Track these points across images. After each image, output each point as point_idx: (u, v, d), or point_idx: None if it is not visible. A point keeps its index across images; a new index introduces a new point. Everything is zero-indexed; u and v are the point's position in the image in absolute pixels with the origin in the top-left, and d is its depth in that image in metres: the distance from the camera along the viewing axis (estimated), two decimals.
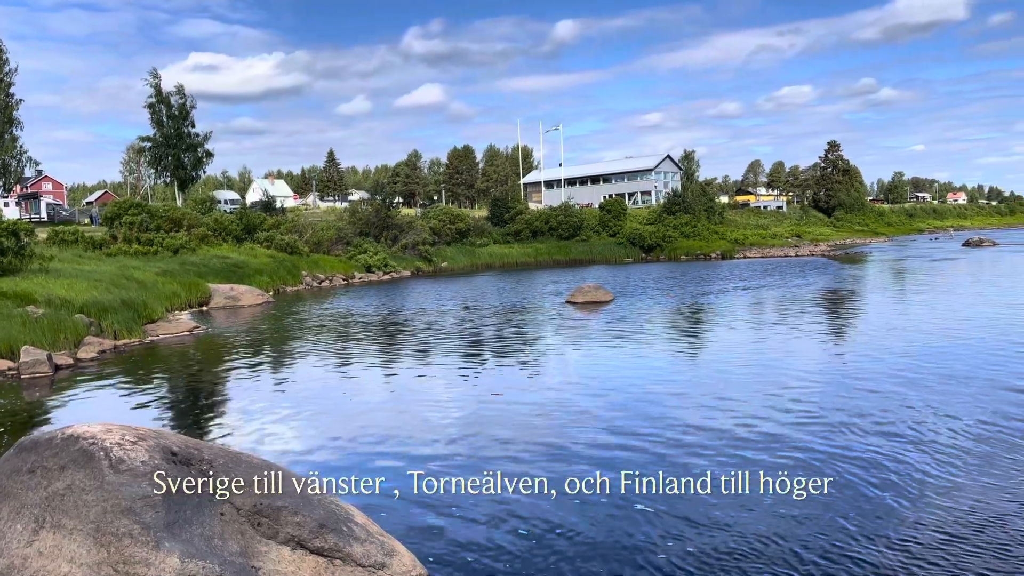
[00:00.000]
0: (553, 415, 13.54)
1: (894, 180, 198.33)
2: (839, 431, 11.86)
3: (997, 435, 11.37)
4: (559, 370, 18.17)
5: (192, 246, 45.91)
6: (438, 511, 9.13)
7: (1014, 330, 21.24)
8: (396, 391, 16.41)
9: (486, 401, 14.94)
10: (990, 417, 12.32)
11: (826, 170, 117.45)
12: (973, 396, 13.73)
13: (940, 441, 11.18)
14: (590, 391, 15.52)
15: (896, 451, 10.78)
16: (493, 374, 17.80)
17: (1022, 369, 15.98)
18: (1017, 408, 12.80)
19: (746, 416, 12.89)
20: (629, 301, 32.52)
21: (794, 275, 44.50)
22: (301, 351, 21.91)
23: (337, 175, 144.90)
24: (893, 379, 15.41)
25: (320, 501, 6.90)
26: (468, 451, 11.51)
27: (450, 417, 13.67)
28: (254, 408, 14.80)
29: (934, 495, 9.16)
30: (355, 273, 52.51)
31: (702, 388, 15.42)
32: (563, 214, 75.48)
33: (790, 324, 24.63)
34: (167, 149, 63.66)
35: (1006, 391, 14.06)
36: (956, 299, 29.68)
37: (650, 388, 15.55)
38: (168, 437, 7.14)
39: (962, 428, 11.77)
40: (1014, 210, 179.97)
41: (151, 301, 27.82)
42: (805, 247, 78.60)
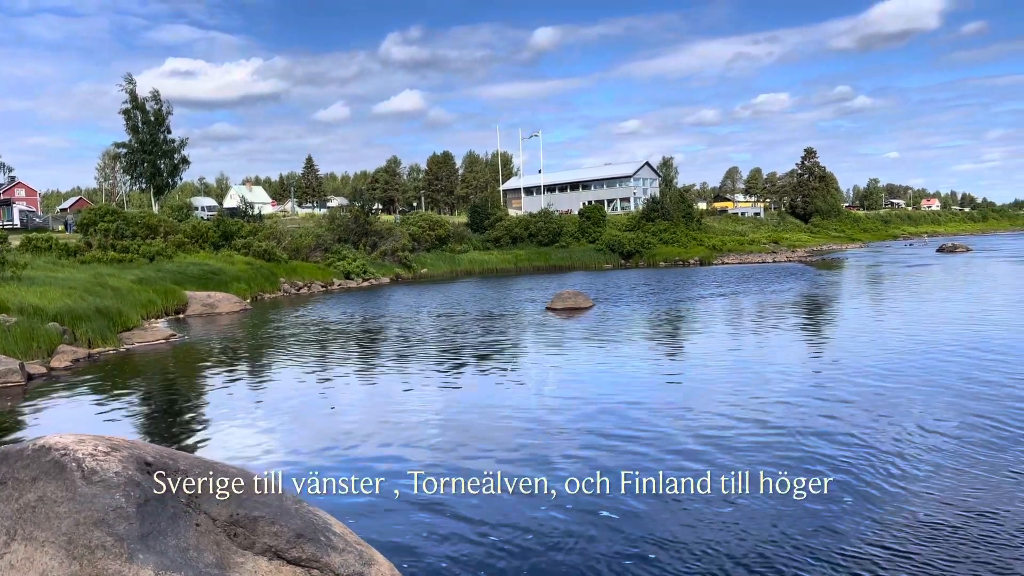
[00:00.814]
0: (533, 420, 13.52)
1: (869, 187, 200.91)
2: (825, 433, 11.95)
3: (983, 433, 11.51)
4: (539, 376, 18.15)
5: (169, 253, 45.48)
6: (417, 518, 9.07)
7: (988, 333, 21.53)
8: (374, 399, 16.32)
9: (465, 408, 14.89)
10: (971, 417, 12.47)
11: (803, 177, 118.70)
12: (955, 396, 13.90)
13: (927, 441, 11.30)
14: (570, 396, 15.51)
15: (885, 450, 10.88)
16: (472, 381, 17.75)
17: (997, 370, 16.19)
18: (990, 406, 12.97)
19: (727, 419, 12.95)
20: (609, 307, 32.62)
21: (772, 281, 44.87)
22: (279, 359, 21.74)
23: (316, 181, 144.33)
24: (877, 381, 15.55)
25: (297, 510, 6.83)
26: (448, 458, 11.46)
27: (429, 424, 13.61)
28: (231, 417, 14.65)
29: (929, 492, 9.25)
30: (334, 280, 52.24)
31: (683, 392, 15.47)
32: (543, 220, 75.66)
33: (770, 329, 24.81)
34: (143, 155, 63.05)
35: (981, 390, 14.24)
36: (931, 305, 30.07)
37: (630, 393, 15.57)
38: (143, 447, 7.04)
39: (950, 428, 11.91)
40: (987, 216, 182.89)
41: (126, 309, 27.47)
42: (783, 253, 79.33)
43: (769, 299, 34.43)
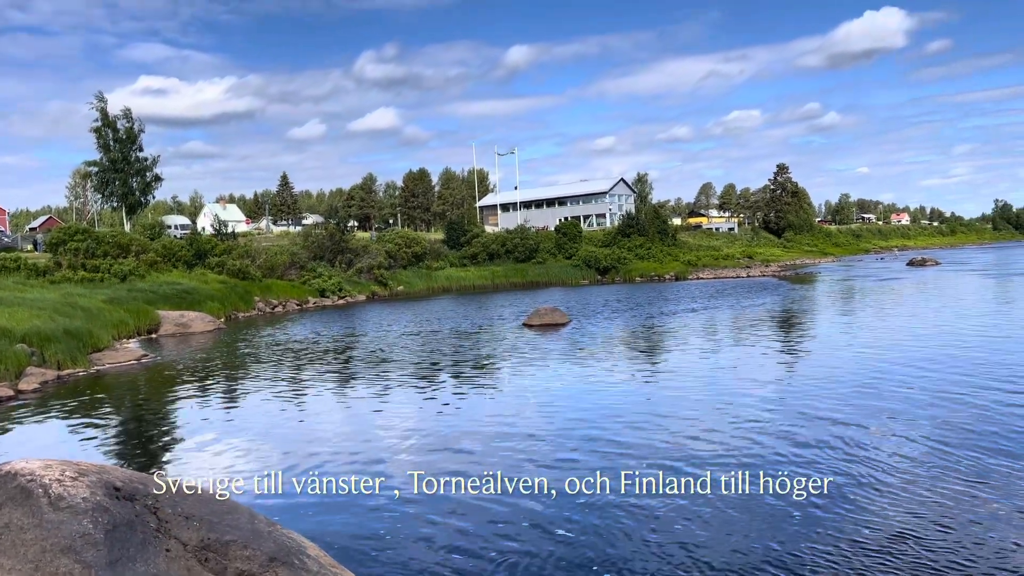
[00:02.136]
0: (510, 435, 13.46)
1: (841, 202, 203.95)
2: (800, 441, 12.02)
3: (956, 441, 11.64)
4: (516, 391, 18.08)
5: (141, 272, 44.95)
6: (393, 540, 8.98)
7: (956, 344, 21.85)
8: (350, 418, 16.17)
9: (441, 424, 14.79)
10: (944, 424, 12.62)
11: (776, 192, 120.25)
12: (926, 407, 14.07)
13: (903, 449, 11.41)
14: (547, 412, 15.46)
15: (861, 458, 10.97)
16: (449, 397, 17.65)
17: (966, 381, 16.41)
18: (960, 415, 13.13)
19: (697, 432, 12.99)
20: (586, 323, 32.69)
21: (746, 296, 45.26)
22: (253, 379, 21.49)
23: (291, 199, 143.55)
24: (850, 391, 15.68)
25: (270, 533, 6.73)
26: (425, 476, 11.36)
27: (405, 443, 13.50)
28: (203, 439, 14.44)
29: (903, 502, 9.33)
30: (309, 298, 51.90)
31: (658, 404, 15.48)
32: (519, 237, 75.82)
33: (744, 343, 24.99)
34: (114, 174, 62.32)
35: (951, 401, 14.42)
36: (901, 319, 30.50)
37: (607, 407, 15.57)
38: (111, 472, 6.91)
39: (925, 435, 12.04)
40: (955, 230, 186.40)
41: (97, 329, 27.05)
42: (756, 268, 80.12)
43: (744, 313, 34.71)
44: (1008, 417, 13.42)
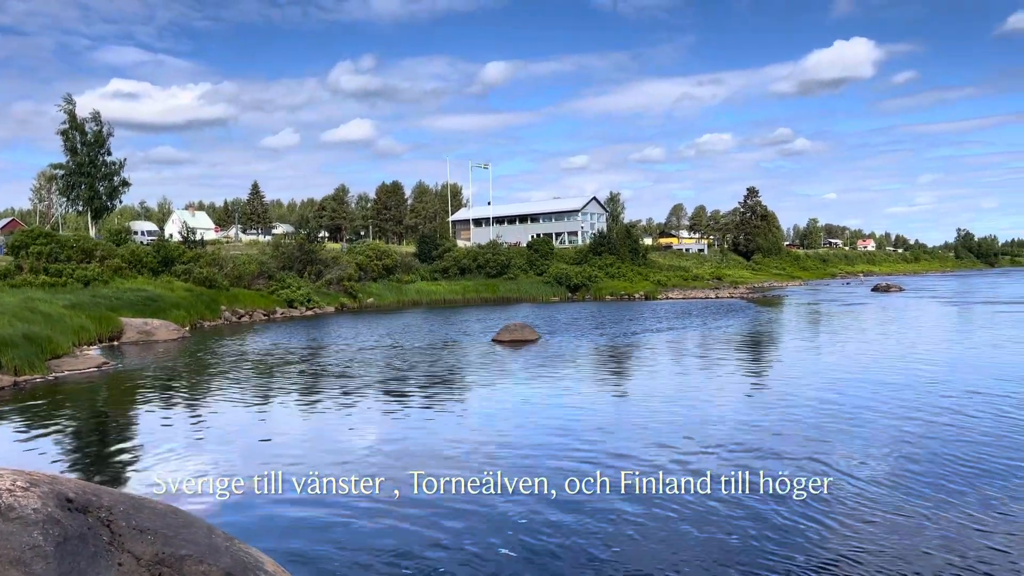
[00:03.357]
0: (476, 449, 13.37)
1: (809, 226, 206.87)
2: (759, 456, 12.09)
3: (917, 464, 11.80)
4: (483, 407, 17.98)
5: (105, 278, 44.16)
6: (353, 552, 8.84)
7: (916, 368, 22.22)
8: (314, 429, 15.95)
9: (405, 436, 14.65)
10: (907, 447, 12.80)
11: (745, 215, 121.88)
12: (885, 429, 14.27)
13: (863, 470, 11.53)
14: (512, 429, 15.39)
15: (821, 472, 11.06)
16: (415, 411, 17.50)
17: (924, 403, 16.69)
18: (919, 438, 13.33)
19: (657, 448, 13.03)
20: (555, 340, 32.71)
21: (715, 317, 45.66)
22: (216, 388, 21.14)
23: (261, 208, 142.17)
24: (810, 414, 15.84)
25: (228, 548, 6.59)
26: (387, 492, 11.22)
27: (367, 455, 13.34)
28: (162, 449, 14.15)
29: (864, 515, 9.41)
30: (277, 308, 51.35)
31: (624, 423, 15.49)
32: (491, 252, 75.86)
33: (711, 364, 25.16)
34: (80, 177, 61.28)
35: (912, 424, 14.64)
36: (864, 344, 30.99)
37: (572, 421, 15.54)
38: (64, 483, 6.72)
39: (887, 456, 12.18)
40: (918, 257, 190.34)
41: (57, 335, 26.45)
42: (725, 289, 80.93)
43: (711, 334, 34.99)
44: (957, 438, 13.66)
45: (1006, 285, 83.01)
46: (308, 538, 9.50)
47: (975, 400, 17.53)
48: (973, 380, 20.43)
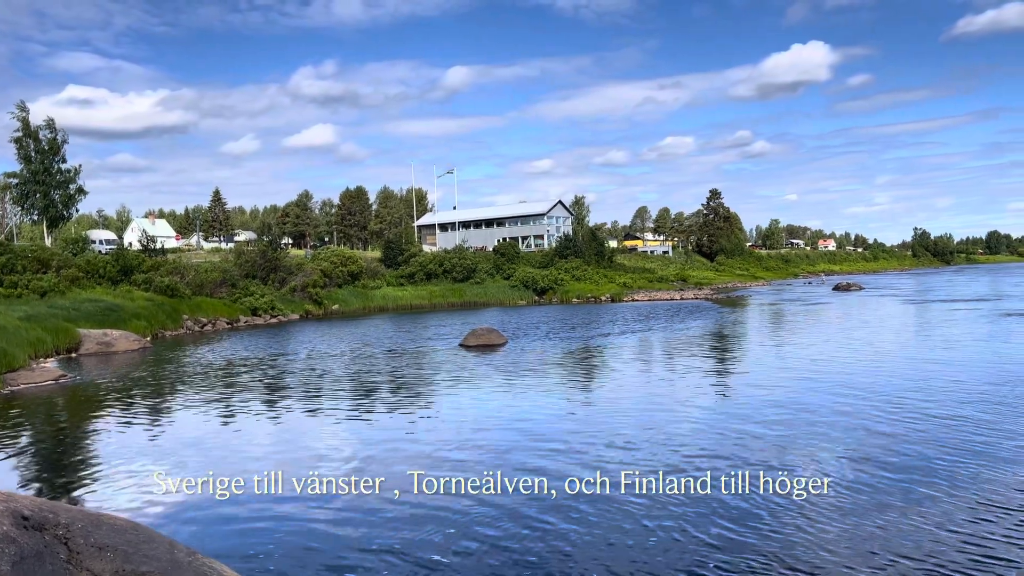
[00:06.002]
0: (447, 457, 13.30)
1: (771, 227, 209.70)
2: (721, 455, 12.21)
3: (883, 461, 12.01)
4: (450, 413, 17.91)
5: (61, 288, 43.21)
6: (321, 568, 8.73)
7: (872, 366, 22.67)
8: (275, 441, 15.73)
9: (371, 445, 14.53)
10: (872, 446, 13.04)
11: (708, 217, 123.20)
12: (846, 429, 14.53)
13: (828, 468, 11.70)
14: (478, 433, 15.35)
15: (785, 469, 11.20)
16: (381, 418, 17.37)
17: (877, 397, 17.03)
18: (879, 437, 13.59)
19: (620, 449, 13.10)
20: (522, 344, 32.72)
21: (680, 318, 46.07)
22: (177, 400, 20.77)
23: (223, 215, 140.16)
24: (774, 412, 16.05)
25: (191, 563, 6.46)
26: (351, 504, 11.11)
27: (332, 463, 13.20)
28: (122, 464, 13.85)
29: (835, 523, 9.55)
30: (240, 316, 50.65)
31: (592, 426, 15.54)
32: (457, 257, 75.68)
33: (676, 364, 25.38)
34: (35, 186, 59.92)
35: (874, 421, 14.92)
36: (826, 343, 31.52)
37: (542, 426, 15.55)
38: (19, 500, 6.53)
39: (852, 455, 12.38)
40: (877, 256, 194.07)
41: (11, 348, 25.77)
42: (690, 291, 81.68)
43: (676, 336, 35.29)
44: (915, 430, 13.94)
45: (962, 284, 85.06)
46: (266, 545, 9.37)
47: (933, 398, 17.91)
48: (931, 378, 20.89)
